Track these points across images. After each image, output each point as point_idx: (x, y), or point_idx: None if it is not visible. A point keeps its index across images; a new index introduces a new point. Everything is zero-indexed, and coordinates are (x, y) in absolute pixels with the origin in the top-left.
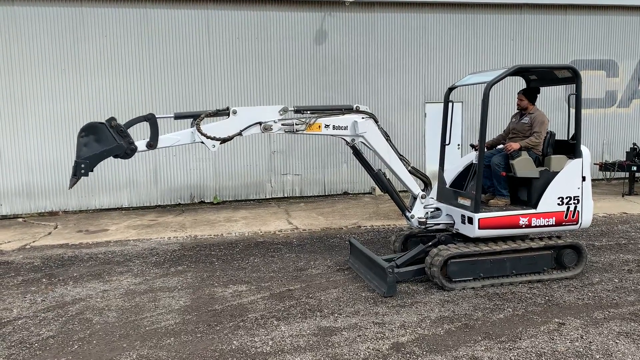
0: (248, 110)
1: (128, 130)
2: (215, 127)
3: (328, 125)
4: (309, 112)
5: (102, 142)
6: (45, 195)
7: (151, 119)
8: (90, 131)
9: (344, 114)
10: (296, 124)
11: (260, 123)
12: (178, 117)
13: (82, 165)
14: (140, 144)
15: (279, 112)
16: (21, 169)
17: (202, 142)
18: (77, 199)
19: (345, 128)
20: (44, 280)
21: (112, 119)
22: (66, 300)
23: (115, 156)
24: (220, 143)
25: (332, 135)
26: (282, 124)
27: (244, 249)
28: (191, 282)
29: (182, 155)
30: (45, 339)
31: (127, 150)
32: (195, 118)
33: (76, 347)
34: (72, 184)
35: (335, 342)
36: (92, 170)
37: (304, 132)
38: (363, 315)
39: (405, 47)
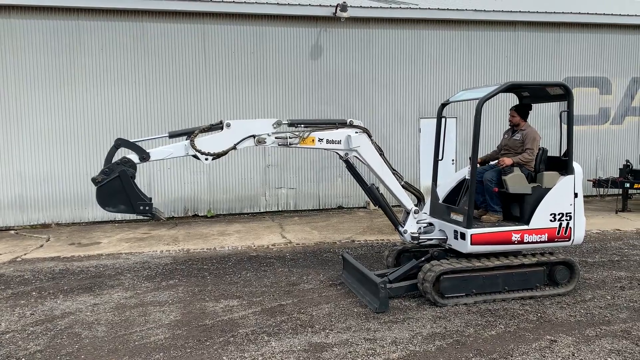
0: (242, 123)
1: (113, 161)
2: (209, 140)
3: (322, 139)
4: (302, 125)
5: (116, 190)
6: (38, 208)
7: (120, 144)
8: (107, 200)
9: (337, 128)
10: (290, 138)
11: (254, 136)
12: (172, 135)
13: (140, 208)
14: (134, 157)
15: (273, 125)
16: (14, 181)
17: (195, 156)
18: (70, 212)
19: (339, 142)
20: (34, 293)
21: (93, 180)
22: (55, 314)
23: (132, 177)
24: (213, 158)
25: (325, 149)
26: (276, 137)
27: (236, 263)
28: (182, 297)
29: (177, 168)
30: (33, 354)
31: (130, 168)
32: (190, 135)
33: None
34: (160, 215)
35: (326, 359)
36: (151, 204)
37: (298, 145)
38: (355, 331)
39: (400, 63)
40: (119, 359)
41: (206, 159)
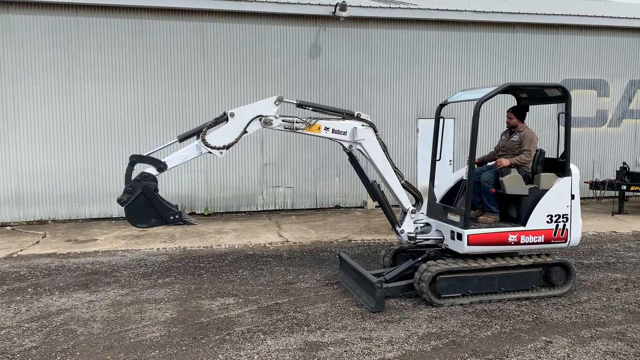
0: (244, 108)
1: (132, 178)
2: (219, 134)
3: (328, 128)
4: (310, 108)
5: (143, 205)
6: (35, 204)
7: (136, 161)
8: (137, 217)
9: (344, 118)
10: (297, 122)
11: (260, 117)
12: (182, 139)
13: (171, 218)
14: (152, 170)
15: (275, 102)
16: (11, 177)
17: (210, 152)
18: (66, 208)
19: (345, 133)
20: (30, 289)
21: (118, 201)
22: (51, 311)
23: (156, 191)
24: (227, 148)
25: (330, 138)
26: (283, 120)
27: (233, 261)
28: (178, 294)
29: None
30: (28, 350)
31: (151, 181)
32: (198, 134)
33: (59, 358)
34: (190, 220)
35: (322, 358)
36: (180, 212)
37: (304, 131)
38: (350, 330)
39: (398, 63)
40: (115, 356)
41: (220, 153)
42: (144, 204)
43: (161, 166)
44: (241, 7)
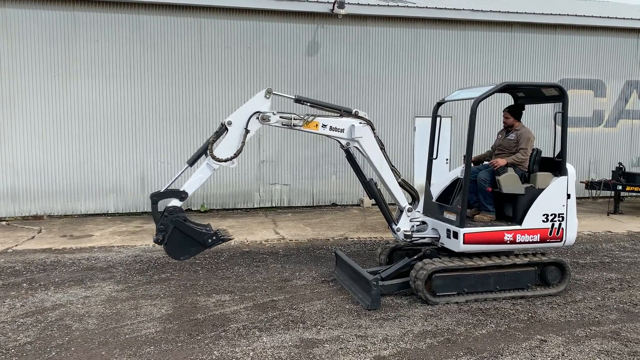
0: (238, 112)
1: (160, 215)
2: (224, 146)
3: (325, 125)
4: (309, 103)
5: (180, 239)
6: (31, 199)
7: (157, 199)
8: (179, 252)
9: (342, 116)
10: (294, 119)
11: (257, 114)
12: (192, 162)
13: (209, 241)
14: (175, 202)
15: (265, 96)
16: (6, 172)
17: (221, 166)
18: (62, 204)
19: (342, 130)
20: (25, 285)
21: (156, 242)
22: (46, 306)
23: (186, 220)
24: (236, 157)
25: (327, 135)
26: (280, 117)
27: (229, 258)
28: (174, 291)
29: (170, 162)
30: (22, 345)
31: (178, 212)
32: (205, 151)
33: (54, 353)
34: (227, 236)
35: (317, 355)
36: (216, 232)
37: (301, 128)
38: (346, 327)
39: (396, 61)
40: (110, 352)
41: (232, 163)
42: (180, 237)
43: (182, 195)
44: (239, 3)
